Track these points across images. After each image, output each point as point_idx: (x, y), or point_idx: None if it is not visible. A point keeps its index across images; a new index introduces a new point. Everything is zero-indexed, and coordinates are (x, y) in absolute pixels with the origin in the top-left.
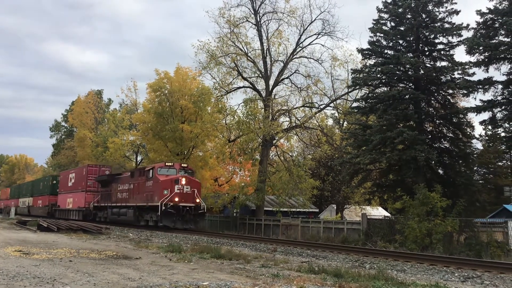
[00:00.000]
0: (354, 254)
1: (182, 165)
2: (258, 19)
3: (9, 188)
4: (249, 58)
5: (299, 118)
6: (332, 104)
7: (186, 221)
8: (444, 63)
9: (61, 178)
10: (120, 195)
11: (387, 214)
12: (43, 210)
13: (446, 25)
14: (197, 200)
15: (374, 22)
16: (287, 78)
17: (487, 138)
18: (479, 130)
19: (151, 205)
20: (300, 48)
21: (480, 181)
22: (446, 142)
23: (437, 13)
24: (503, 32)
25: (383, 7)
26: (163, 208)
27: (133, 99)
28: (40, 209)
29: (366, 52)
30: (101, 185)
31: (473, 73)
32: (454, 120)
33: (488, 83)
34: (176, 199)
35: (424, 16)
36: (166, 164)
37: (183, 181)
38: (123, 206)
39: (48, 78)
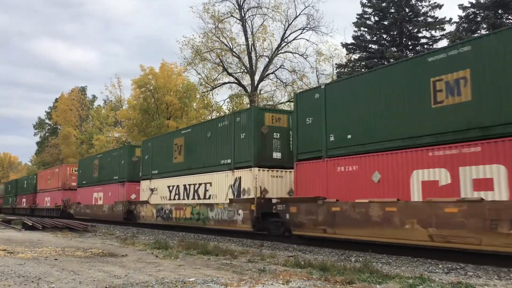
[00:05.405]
0: (340, 247)
1: None
2: (243, 14)
3: (76, 165)
4: (234, 53)
5: None
6: None
7: None
8: None
9: None
10: None
11: None
12: None
13: (429, 19)
14: None
15: (358, 16)
16: (272, 73)
17: None
18: None
19: None
20: (285, 43)
21: None
22: None
23: (420, 7)
24: (485, 26)
25: (367, 2)
26: None
27: (117, 95)
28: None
29: (351, 46)
30: None
31: None
32: None
33: None
34: None
35: (407, 10)
36: None
37: None
38: None
39: (36, 76)
